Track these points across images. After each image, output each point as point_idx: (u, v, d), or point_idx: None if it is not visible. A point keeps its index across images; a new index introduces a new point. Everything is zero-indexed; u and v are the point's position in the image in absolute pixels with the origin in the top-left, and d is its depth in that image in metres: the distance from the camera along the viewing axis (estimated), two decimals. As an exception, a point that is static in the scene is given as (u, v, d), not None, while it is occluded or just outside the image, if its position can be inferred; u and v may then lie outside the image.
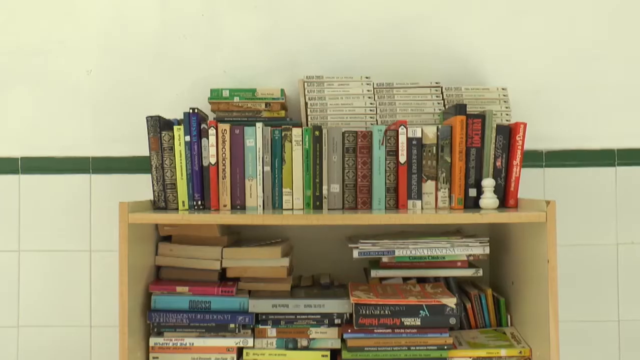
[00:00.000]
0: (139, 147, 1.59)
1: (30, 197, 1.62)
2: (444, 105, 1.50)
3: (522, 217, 1.21)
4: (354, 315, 1.28)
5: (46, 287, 1.62)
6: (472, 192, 1.35)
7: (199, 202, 1.35)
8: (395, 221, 1.21)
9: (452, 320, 1.28)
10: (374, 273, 1.38)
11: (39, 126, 1.63)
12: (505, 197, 1.36)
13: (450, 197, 1.35)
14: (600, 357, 1.61)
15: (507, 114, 1.51)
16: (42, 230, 1.62)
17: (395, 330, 1.29)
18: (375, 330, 1.29)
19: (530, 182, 1.60)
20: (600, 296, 1.61)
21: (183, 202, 1.34)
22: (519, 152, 1.37)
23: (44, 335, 1.62)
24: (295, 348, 1.34)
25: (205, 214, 1.26)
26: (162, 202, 1.35)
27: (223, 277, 1.38)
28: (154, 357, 1.33)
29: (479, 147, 1.36)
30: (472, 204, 1.34)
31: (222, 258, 1.36)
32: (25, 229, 1.62)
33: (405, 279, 1.42)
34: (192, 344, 1.32)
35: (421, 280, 1.42)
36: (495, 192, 1.33)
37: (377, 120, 1.48)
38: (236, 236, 1.52)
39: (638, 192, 1.61)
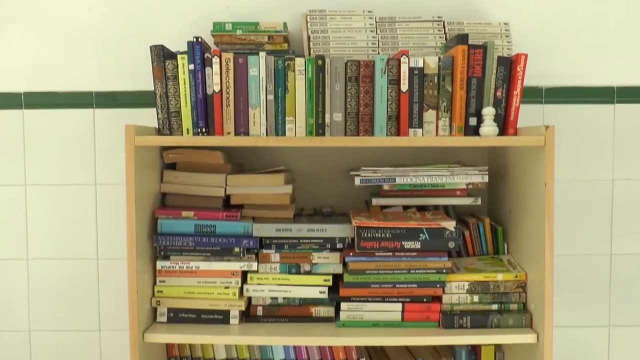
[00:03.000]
0: (142, 81, 1.60)
1: (34, 131, 1.64)
2: (446, 39, 1.51)
3: (521, 140, 1.24)
4: (355, 238, 1.31)
5: (53, 220, 1.65)
6: (473, 121, 1.37)
7: (203, 130, 1.36)
8: (397, 144, 1.23)
9: (451, 244, 1.31)
10: (375, 201, 1.41)
11: (42, 62, 1.63)
12: (505, 127, 1.38)
13: (450, 125, 1.37)
14: (591, 289, 1.66)
15: (508, 49, 1.52)
16: (47, 164, 1.64)
17: (396, 254, 1.33)
18: (376, 254, 1.33)
19: (530, 119, 1.61)
20: (594, 231, 1.65)
21: (187, 129, 1.36)
22: (519, 82, 1.38)
23: (52, 267, 1.65)
24: (298, 273, 1.38)
25: (210, 136, 1.28)
26: (167, 129, 1.37)
27: (227, 205, 1.41)
28: (160, 281, 1.37)
29: (480, 77, 1.37)
30: (472, 133, 1.36)
31: (226, 185, 1.39)
32: (30, 164, 1.64)
33: (405, 208, 1.45)
34: (198, 267, 1.36)
35: (421, 209, 1.45)
36: (495, 121, 1.34)
37: (378, 54, 1.49)
38: (239, 167, 1.54)
39: (635, 130, 1.63)
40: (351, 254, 1.33)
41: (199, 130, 1.37)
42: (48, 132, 1.64)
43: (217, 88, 1.36)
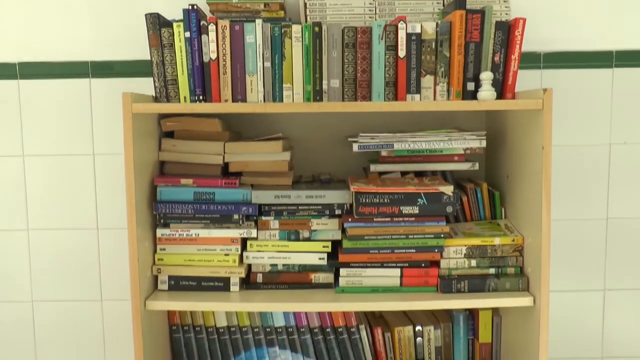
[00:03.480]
0: (138, 51, 1.59)
1: (30, 102, 1.63)
2: (443, 5, 1.50)
3: (519, 104, 1.24)
4: (354, 204, 1.32)
5: (52, 191, 1.65)
6: (470, 86, 1.36)
7: (200, 97, 1.36)
8: (395, 108, 1.23)
9: (449, 209, 1.32)
10: (373, 167, 1.42)
11: (36, 32, 1.62)
12: (503, 91, 1.38)
13: (448, 90, 1.37)
14: (587, 253, 1.67)
15: (506, 14, 1.51)
16: (44, 135, 1.64)
17: (394, 219, 1.33)
18: (374, 219, 1.34)
19: (528, 84, 1.61)
20: (591, 195, 1.66)
21: (185, 97, 1.36)
22: (517, 46, 1.37)
23: (53, 237, 1.66)
24: (297, 239, 1.39)
25: (207, 104, 1.28)
26: (164, 97, 1.37)
27: (225, 172, 1.42)
28: (161, 249, 1.38)
29: (478, 42, 1.37)
30: (470, 97, 1.36)
31: (224, 153, 1.39)
32: (28, 134, 1.64)
33: (403, 174, 1.45)
34: (198, 234, 1.37)
35: (419, 175, 1.45)
36: (493, 86, 1.34)
37: (375, 20, 1.48)
38: (237, 135, 1.54)
39: (634, 93, 1.63)
40: (350, 219, 1.34)
41: (196, 98, 1.36)
42: (44, 103, 1.63)
43: (213, 55, 1.36)
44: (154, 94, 1.37)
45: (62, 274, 1.67)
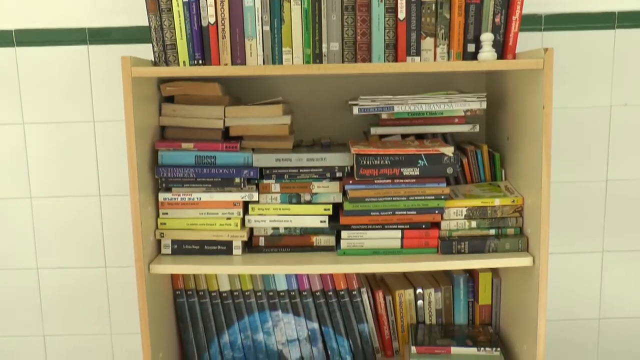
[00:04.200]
0: (136, 17, 1.58)
1: (28, 69, 1.62)
2: (443, -34, 1.48)
3: (519, 64, 1.24)
4: (354, 166, 1.33)
5: (53, 158, 1.65)
6: (471, 48, 1.36)
7: (200, 62, 1.35)
8: (394, 69, 1.23)
9: (450, 170, 1.33)
10: (374, 130, 1.42)
11: (32, -1, 1.61)
12: (504, 53, 1.37)
13: (449, 52, 1.36)
14: (586, 215, 1.68)
15: (507, -26, 1.49)
16: (44, 102, 1.63)
17: (395, 181, 1.34)
18: (375, 181, 1.34)
19: (529, 46, 1.58)
20: (591, 157, 1.66)
21: (184, 62, 1.35)
22: (518, 8, 1.36)
23: (56, 205, 1.67)
24: (298, 202, 1.40)
25: (207, 67, 1.27)
26: (163, 62, 1.36)
27: (226, 137, 1.42)
28: (163, 213, 1.39)
29: (479, 3, 1.36)
30: (471, 59, 1.35)
31: (224, 117, 1.39)
32: (27, 102, 1.63)
33: (403, 137, 1.46)
34: (200, 198, 1.38)
35: (419, 138, 1.46)
36: (493, 47, 1.34)
37: (375, -19, 1.46)
38: (237, 100, 1.54)
39: (635, 55, 1.62)
40: (351, 182, 1.35)
41: (195, 62, 1.36)
42: (43, 70, 1.62)
43: (212, 20, 1.35)
44: (152, 59, 1.36)
45: (66, 241, 1.69)
